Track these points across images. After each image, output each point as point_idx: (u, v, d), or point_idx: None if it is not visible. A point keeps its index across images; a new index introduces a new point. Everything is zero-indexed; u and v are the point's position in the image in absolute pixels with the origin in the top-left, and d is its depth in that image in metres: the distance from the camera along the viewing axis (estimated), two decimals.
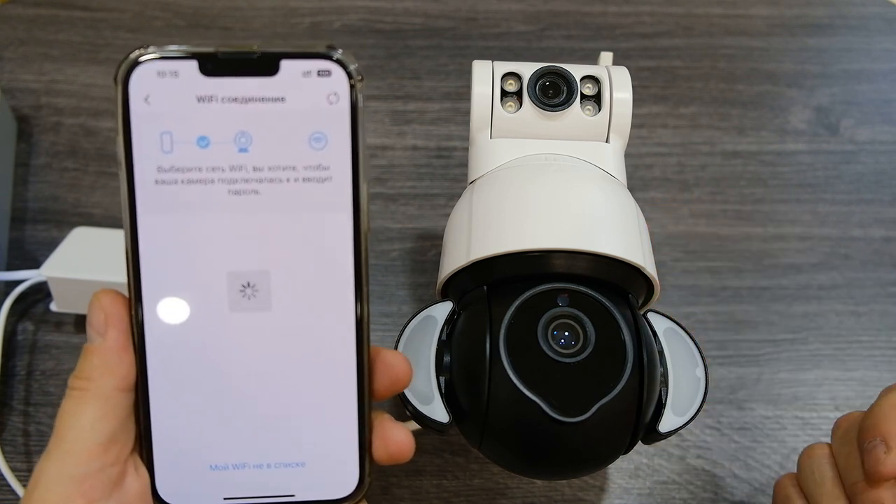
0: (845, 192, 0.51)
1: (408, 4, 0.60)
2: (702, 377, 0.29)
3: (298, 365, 0.24)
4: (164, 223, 0.23)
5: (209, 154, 0.23)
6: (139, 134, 0.22)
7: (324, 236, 0.24)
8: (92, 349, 0.23)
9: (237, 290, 0.24)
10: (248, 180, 0.23)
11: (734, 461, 0.40)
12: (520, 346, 0.27)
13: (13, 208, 0.48)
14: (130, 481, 0.23)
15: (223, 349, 0.24)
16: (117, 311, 0.23)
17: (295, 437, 0.24)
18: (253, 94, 0.23)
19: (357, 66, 0.23)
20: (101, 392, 0.23)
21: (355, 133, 0.23)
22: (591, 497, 0.38)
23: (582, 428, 0.26)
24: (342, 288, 0.24)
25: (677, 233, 0.48)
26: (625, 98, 0.33)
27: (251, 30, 0.58)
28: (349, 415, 0.24)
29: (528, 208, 0.30)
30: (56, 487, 0.22)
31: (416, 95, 0.55)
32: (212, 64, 0.22)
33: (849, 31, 0.61)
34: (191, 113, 0.22)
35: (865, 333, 0.45)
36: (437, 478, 0.39)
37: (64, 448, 0.22)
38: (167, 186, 0.23)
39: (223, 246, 0.23)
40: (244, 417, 0.24)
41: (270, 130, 0.23)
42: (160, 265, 0.23)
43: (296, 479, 0.25)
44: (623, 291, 0.30)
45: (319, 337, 0.24)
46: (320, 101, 0.23)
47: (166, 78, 0.22)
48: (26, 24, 0.57)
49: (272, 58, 0.22)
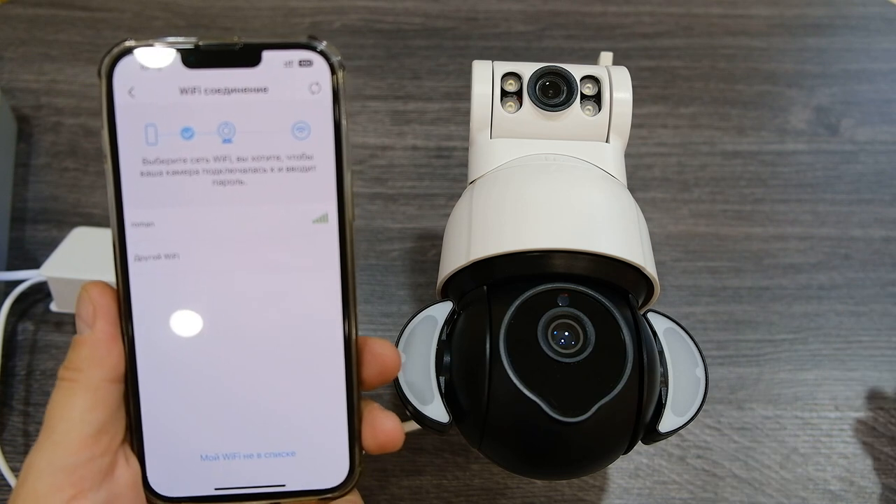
0: (845, 193, 0.51)
1: (408, 4, 0.60)
2: (702, 377, 0.29)
3: (287, 355, 0.24)
4: (150, 215, 0.23)
5: (193, 145, 0.23)
6: (124, 126, 0.23)
7: (308, 224, 0.24)
8: (81, 340, 0.23)
9: (224, 281, 0.24)
10: (232, 170, 0.23)
11: (734, 461, 0.40)
12: (520, 346, 0.27)
13: (13, 208, 0.48)
14: (121, 472, 0.23)
15: (212, 339, 0.24)
16: (106, 303, 0.24)
17: (285, 426, 0.24)
18: (236, 85, 0.23)
19: (339, 58, 0.23)
20: (90, 383, 0.23)
21: (338, 122, 0.23)
22: (591, 497, 0.38)
23: (582, 428, 0.26)
24: (328, 276, 0.24)
25: (677, 233, 0.48)
26: (625, 98, 0.33)
27: (251, 29, 0.58)
28: (338, 404, 0.24)
29: (528, 208, 0.30)
30: (46, 478, 0.22)
31: (416, 95, 0.55)
32: (194, 56, 0.23)
33: (849, 31, 0.61)
34: (174, 105, 0.23)
35: (865, 333, 0.45)
36: (436, 478, 0.39)
37: (54, 439, 0.22)
38: (153, 178, 0.23)
39: (209, 237, 0.23)
40: (234, 407, 0.24)
41: (253, 121, 0.23)
42: (147, 257, 0.23)
43: (286, 468, 0.25)
44: (623, 291, 0.30)
45: (307, 326, 0.24)
46: (302, 91, 0.23)
47: (150, 71, 0.23)
48: (26, 24, 0.57)
49: (254, 49, 0.23)
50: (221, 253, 0.24)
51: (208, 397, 0.24)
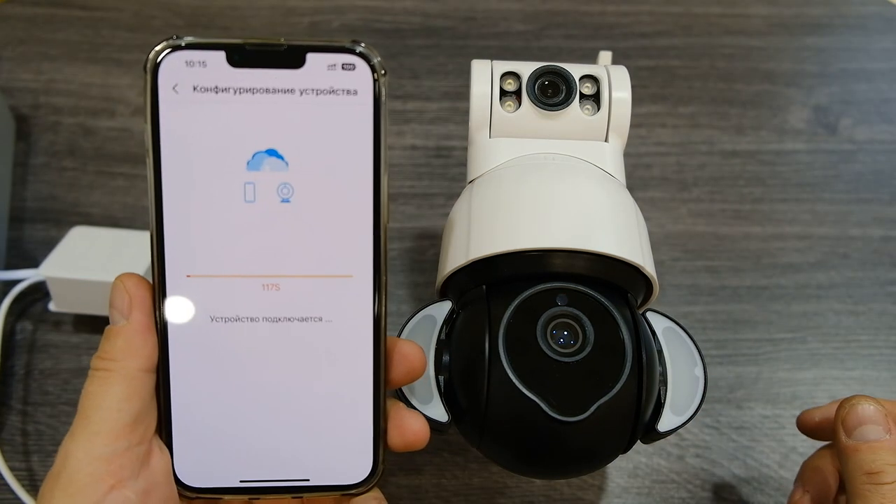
0: (844, 192, 0.51)
1: (407, 4, 0.60)
2: (700, 376, 0.29)
3: (318, 353, 0.24)
4: (189, 210, 0.23)
5: (236, 147, 0.23)
6: (167, 122, 0.23)
7: (345, 228, 0.24)
8: (116, 330, 0.24)
9: (259, 284, 0.24)
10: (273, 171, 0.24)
11: (733, 460, 0.40)
12: (519, 346, 0.27)
13: (12, 208, 0.48)
14: (156, 460, 0.24)
15: (243, 335, 0.24)
16: (141, 294, 0.24)
17: (312, 422, 0.25)
18: (279, 86, 0.23)
19: (380, 61, 0.23)
20: (126, 373, 0.23)
21: (378, 126, 0.23)
22: (589, 496, 0.38)
23: (581, 427, 0.26)
24: (362, 279, 0.24)
25: (676, 232, 0.48)
26: (624, 97, 0.33)
27: (250, 29, 0.58)
28: (365, 403, 0.25)
29: (527, 208, 0.30)
30: (85, 468, 0.22)
31: (415, 95, 0.55)
32: (239, 55, 0.23)
33: (847, 31, 0.61)
34: (219, 102, 0.23)
35: (864, 332, 0.45)
36: (436, 477, 0.39)
37: (91, 429, 0.22)
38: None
39: (246, 236, 0.24)
40: (262, 401, 0.25)
41: (295, 121, 0.23)
42: (185, 251, 0.24)
43: (311, 463, 0.25)
44: (622, 291, 0.30)
45: (339, 325, 0.24)
46: (344, 93, 0.23)
47: (195, 67, 0.23)
48: (25, 24, 0.57)
49: (299, 51, 0.23)
50: (258, 255, 0.24)
51: (237, 391, 0.24)
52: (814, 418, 0.32)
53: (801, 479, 0.32)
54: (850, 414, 0.28)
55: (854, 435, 0.27)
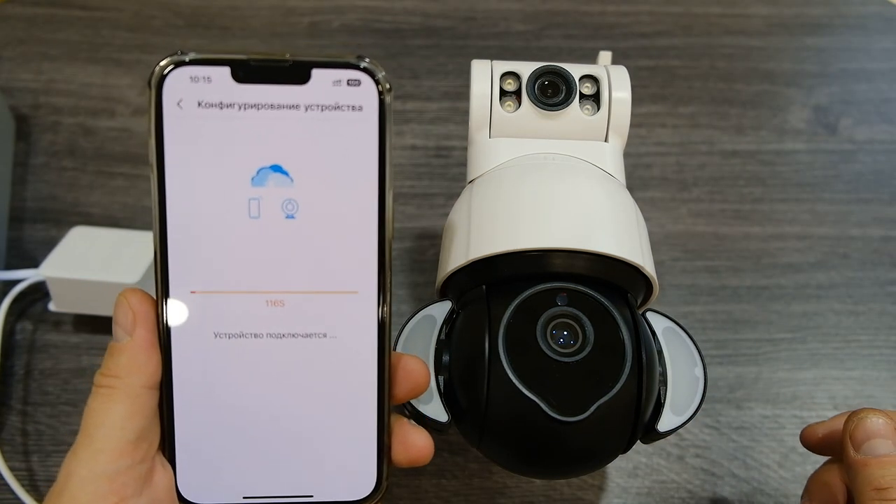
0: (844, 192, 0.51)
1: (406, 4, 0.60)
2: (700, 376, 0.29)
3: (322, 369, 0.24)
4: (193, 225, 0.23)
5: (242, 161, 0.23)
6: (171, 138, 0.23)
7: (349, 244, 0.24)
8: (120, 347, 0.23)
9: (263, 300, 0.24)
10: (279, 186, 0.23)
11: (733, 460, 0.40)
12: (519, 346, 0.27)
13: (12, 207, 0.48)
14: (159, 477, 0.24)
15: (247, 351, 0.24)
16: (144, 310, 0.24)
17: (315, 438, 0.25)
18: (284, 102, 0.23)
19: (385, 75, 0.23)
20: (129, 390, 0.23)
21: (382, 142, 0.23)
22: (589, 496, 0.38)
23: (581, 427, 0.26)
24: (367, 295, 0.24)
25: (676, 232, 0.48)
26: (624, 97, 0.33)
27: (249, 29, 0.58)
28: (369, 418, 0.25)
29: (527, 208, 0.30)
30: (88, 486, 0.22)
31: (415, 95, 0.55)
32: (244, 71, 0.23)
33: (847, 31, 0.61)
34: (223, 118, 0.23)
35: (864, 332, 0.45)
36: (436, 477, 0.39)
37: (94, 447, 0.22)
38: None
39: (250, 252, 0.24)
40: (265, 418, 0.24)
41: (299, 137, 0.23)
42: (188, 267, 0.24)
43: (314, 479, 0.25)
44: (622, 291, 0.30)
45: (344, 342, 0.24)
46: (349, 109, 0.23)
47: (199, 83, 0.22)
48: (25, 24, 0.57)
49: (304, 66, 0.23)
50: (262, 271, 0.24)
51: (241, 406, 0.24)
52: (817, 434, 0.31)
53: (809, 493, 0.31)
54: (859, 428, 0.27)
55: (862, 449, 0.27)
